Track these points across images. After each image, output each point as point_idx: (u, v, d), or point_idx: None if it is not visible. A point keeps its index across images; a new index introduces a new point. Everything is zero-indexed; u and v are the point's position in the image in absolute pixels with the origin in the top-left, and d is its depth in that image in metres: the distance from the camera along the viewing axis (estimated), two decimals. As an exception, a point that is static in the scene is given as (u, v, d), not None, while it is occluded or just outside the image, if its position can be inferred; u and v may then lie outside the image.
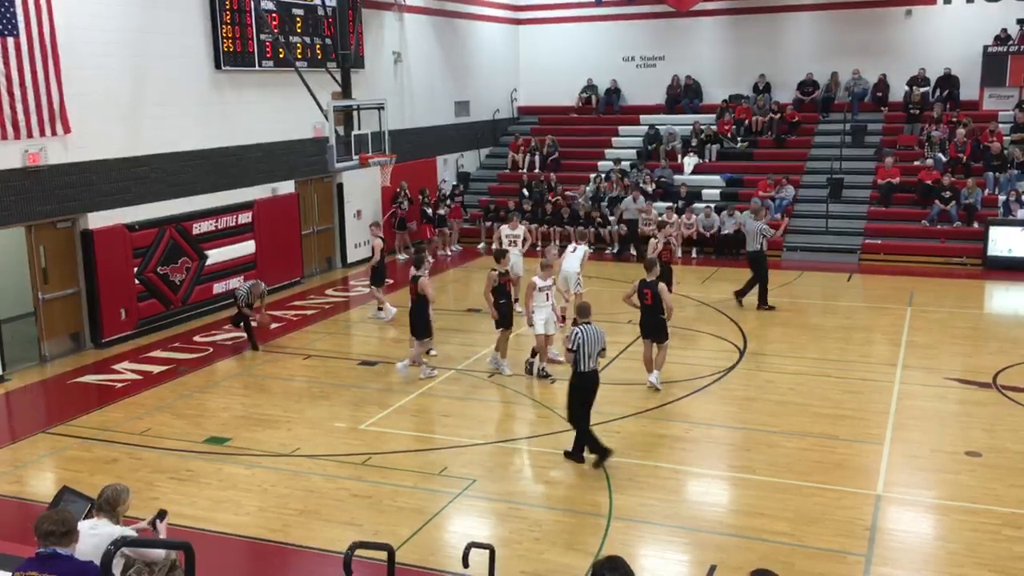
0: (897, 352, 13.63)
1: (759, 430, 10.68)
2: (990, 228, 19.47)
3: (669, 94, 26.71)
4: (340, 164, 15.73)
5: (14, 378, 13.25)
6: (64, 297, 14.26)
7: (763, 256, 16.20)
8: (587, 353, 9.57)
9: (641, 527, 8.51)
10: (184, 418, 11.49)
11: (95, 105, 14.18)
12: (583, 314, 9.87)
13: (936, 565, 7.73)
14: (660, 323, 12.02)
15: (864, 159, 22.97)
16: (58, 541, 4.80)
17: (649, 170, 23.68)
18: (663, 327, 12.05)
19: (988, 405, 11.42)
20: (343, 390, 12.53)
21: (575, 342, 9.56)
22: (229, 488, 9.42)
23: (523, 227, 16.69)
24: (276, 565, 8.09)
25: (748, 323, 15.26)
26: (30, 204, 13.43)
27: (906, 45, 24.48)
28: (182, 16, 15.85)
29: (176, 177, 15.91)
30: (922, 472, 9.58)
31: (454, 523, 8.69)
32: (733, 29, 26.25)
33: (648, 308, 11.98)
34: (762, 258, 16.17)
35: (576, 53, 27.68)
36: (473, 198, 24.75)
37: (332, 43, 18.05)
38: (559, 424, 11.03)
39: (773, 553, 7.84)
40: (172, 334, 15.34)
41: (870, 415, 11.12)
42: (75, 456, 10.36)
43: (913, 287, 17.65)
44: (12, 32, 12.73)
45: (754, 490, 9.17)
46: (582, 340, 9.54)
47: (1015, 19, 23.24)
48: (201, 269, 16.34)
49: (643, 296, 11.97)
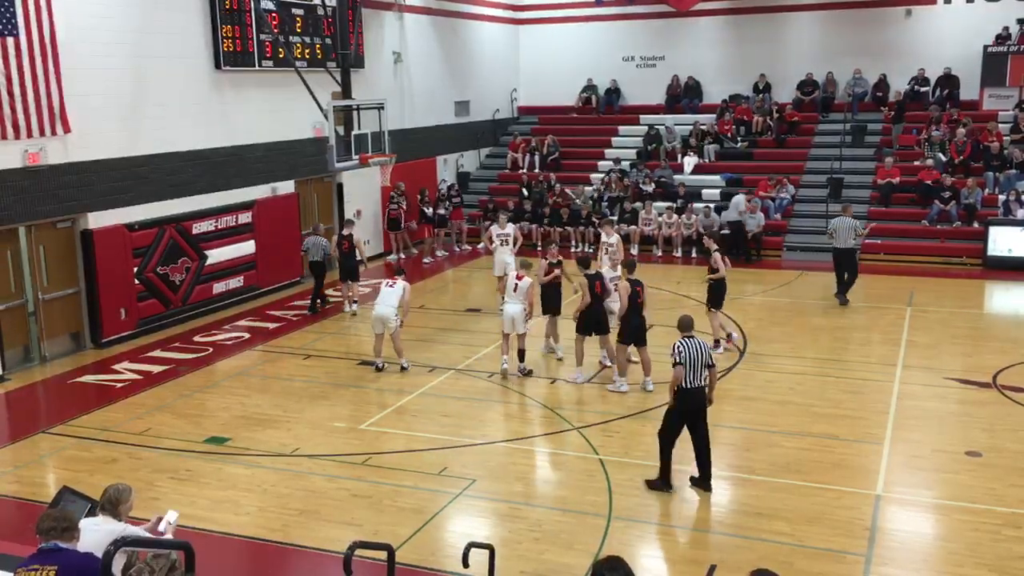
0: (897, 352, 13.63)
1: (759, 430, 10.68)
2: (990, 228, 19.47)
3: (669, 94, 26.70)
4: (340, 164, 15.74)
5: (14, 378, 13.25)
6: (64, 297, 14.26)
7: (856, 252, 16.62)
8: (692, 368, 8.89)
9: (641, 527, 8.52)
10: (184, 418, 11.49)
11: (95, 105, 14.18)
12: (685, 328, 9.30)
13: (936, 565, 7.73)
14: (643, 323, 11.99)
15: (864, 159, 22.97)
16: (59, 536, 4.86)
17: (649, 170, 23.70)
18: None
19: (988, 405, 11.42)
20: (343, 390, 12.53)
21: (680, 355, 8.89)
22: (229, 488, 9.42)
23: (512, 227, 16.97)
24: (276, 565, 8.10)
25: (748, 323, 15.26)
26: (30, 204, 13.43)
27: (906, 45, 24.47)
28: (182, 16, 15.85)
29: (176, 177, 15.91)
30: (922, 472, 9.58)
31: (454, 523, 8.69)
32: (733, 29, 26.24)
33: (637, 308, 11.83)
34: (855, 255, 16.57)
35: (576, 53, 27.68)
36: (473, 198, 24.75)
37: (332, 43, 18.04)
38: (559, 424, 11.04)
39: (773, 553, 7.84)
40: (172, 334, 15.34)
41: (870, 415, 11.12)
42: (75, 456, 10.36)
43: (913, 287, 17.65)
44: (12, 32, 12.73)
45: (754, 490, 9.17)
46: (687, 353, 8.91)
47: (1015, 19, 23.24)
48: (201, 269, 16.34)
49: (636, 295, 11.81)
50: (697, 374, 8.88)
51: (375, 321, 13.02)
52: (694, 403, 8.96)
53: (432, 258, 21.67)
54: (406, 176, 21.58)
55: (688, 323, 9.43)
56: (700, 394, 8.98)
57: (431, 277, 19.85)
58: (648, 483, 9.18)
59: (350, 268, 16.61)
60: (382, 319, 12.87)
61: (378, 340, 13.07)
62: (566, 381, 12.51)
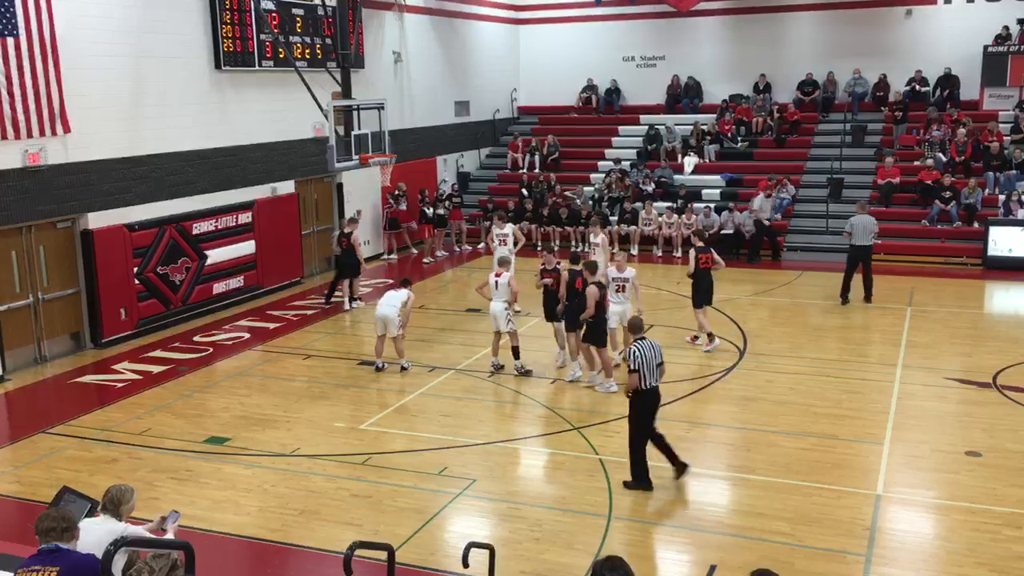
0: (897, 352, 13.63)
1: (759, 430, 10.68)
2: (990, 228, 19.47)
3: (669, 94, 26.70)
4: (340, 164, 15.74)
5: (14, 378, 13.25)
6: (64, 297, 14.27)
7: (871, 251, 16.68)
8: (649, 370, 9.05)
9: (641, 527, 8.52)
10: (184, 418, 11.49)
11: (95, 105, 14.18)
12: (636, 330, 9.45)
13: (936, 565, 7.73)
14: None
15: (864, 159, 22.97)
16: (59, 536, 4.85)
17: (649, 170, 23.70)
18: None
19: (988, 405, 11.42)
20: (343, 390, 12.54)
21: (636, 360, 9.00)
22: (229, 488, 9.42)
23: (510, 226, 17.02)
24: (276, 565, 8.10)
25: (748, 323, 15.26)
26: (30, 204, 13.43)
27: (906, 45, 24.48)
28: (182, 16, 15.85)
29: (176, 177, 15.91)
30: (922, 472, 9.58)
31: (454, 523, 8.69)
32: (733, 29, 26.24)
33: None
34: (871, 252, 16.62)
35: (576, 53, 27.69)
36: (473, 198, 24.76)
37: (332, 43, 18.04)
38: (559, 424, 11.05)
39: (773, 553, 7.84)
40: (172, 334, 15.34)
41: (870, 415, 11.12)
42: (75, 456, 10.36)
43: (913, 287, 17.65)
44: (12, 32, 12.73)
45: (754, 490, 9.17)
46: (641, 357, 9.02)
47: (1015, 19, 23.24)
48: (201, 269, 16.33)
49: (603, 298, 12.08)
50: (653, 374, 9.11)
51: (377, 321, 13.03)
52: (653, 402, 9.23)
53: (432, 258, 21.69)
54: (406, 176, 21.59)
55: (638, 325, 9.57)
56: (656, 393, 9.25)
57: (431, 277, 19.86)
58: (626, 484, 9.24)
59: (352, 265, 16.75)
60: (384, 319, 12.88)
61: (379, 341, 13.08)
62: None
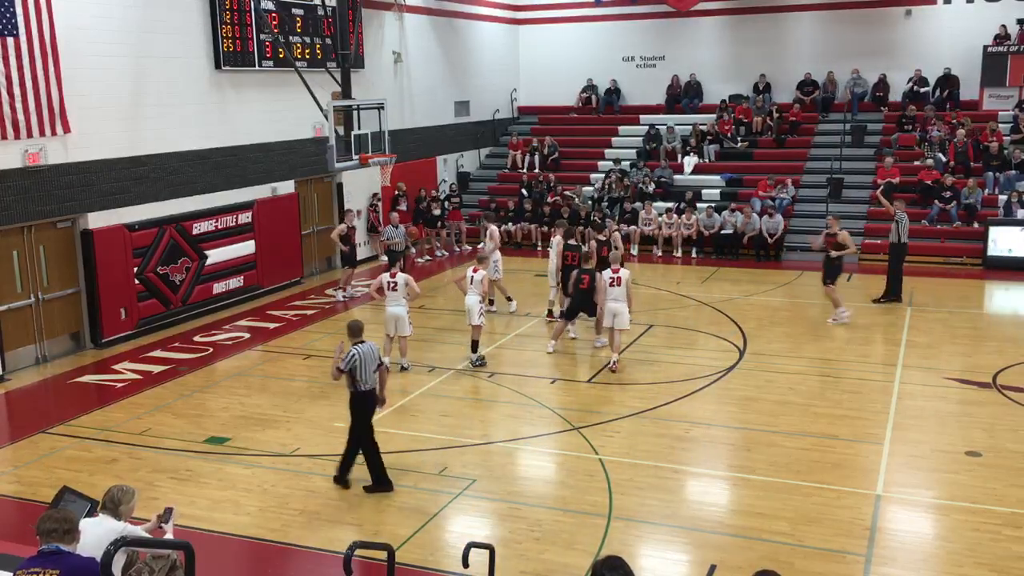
0: (897, 352, 13.64)
1: (759, 430, 10.68)
2: (990, 228, 19.48)
3: (669, 94, 26.70)
4: (340, 164, 15.74)
5: (14, 378, 13.25)
6: (64, 297, 14.26)
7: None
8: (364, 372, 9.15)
9: (641, 527, 8.51)
10: (184, 418, 11.49)
11: (95, 105, 14.18)
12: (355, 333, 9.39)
13: (936, 565, 7.73)
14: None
15: (864, 159, 22.97)
16: (60, 538, 4.82)
17: (649, 170, 23.70)
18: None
19: (988, 405, 11.42)
20: (343, 390, 12.38)
21: (349, 362, 9.07)
22: (229, 488, 9.42)
23: (492, 227, 16.92)
24: (276, 565, 8.09)
25: (748, 323, 15.26)
26: (30, 204, 13.43)
27: (906, 45, 24.48)
28: (182, 16, 15.85)
29: (176, 177, 15.91)
30: (922, 472, 9.58)
31: (454, 523, 8.69)
32: (733, 29, 26.25)
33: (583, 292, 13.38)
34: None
35: (576, 53, 27.69)
36: (473, 198, 24.75)
37: (332, 43, 18.03)
38: (559, 424, 11.05)
39: (773, 553, 7.84)
40: (172, 334, 15.33)
41: (870, 415, 11.12)
42: (75, 456, 10.36)
43: (913, 287, 17.63)
44: (12, 32, 12.73)
45: (754, 490, 9.17)
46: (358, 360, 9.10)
47: (1015, 19, 23.25)
48: (201, 269, 16.33)
49: (580, 281, 13.37)
50: (369, 377, 9.16)
51: (387, 320, 13.02)
52: (368, 404, 9.27)
53: (431, 258, 21.69)
54: (406, 176, 21.58)
55: (358, 328, 9.47)
56: (372, 396, 9.32)
57: (430, 277, 19.85)
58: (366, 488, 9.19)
59: (353, 257, 17.82)
60: (395, 317, 12.92)
61: (387, 342, 13.04)
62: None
